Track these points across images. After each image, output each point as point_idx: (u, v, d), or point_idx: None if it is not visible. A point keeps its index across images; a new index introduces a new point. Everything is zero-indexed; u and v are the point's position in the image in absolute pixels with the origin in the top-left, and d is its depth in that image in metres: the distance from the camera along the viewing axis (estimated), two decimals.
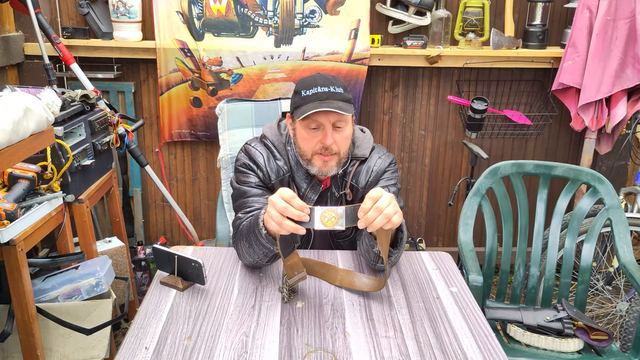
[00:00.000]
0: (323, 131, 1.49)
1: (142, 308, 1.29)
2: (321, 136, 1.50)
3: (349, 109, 1.47)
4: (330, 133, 1.48)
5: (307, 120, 1.48)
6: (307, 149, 1.53)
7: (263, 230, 1.32)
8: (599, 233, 1.92)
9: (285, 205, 1.21)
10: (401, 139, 2.99)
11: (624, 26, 2.52)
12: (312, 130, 1.50)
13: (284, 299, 1.33)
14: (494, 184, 1.98)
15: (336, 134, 1.50)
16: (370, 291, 1.38)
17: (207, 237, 3.08)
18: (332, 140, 1.49)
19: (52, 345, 1.76)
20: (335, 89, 1.48)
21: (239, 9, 2.63)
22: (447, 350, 1.16)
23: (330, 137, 1.48)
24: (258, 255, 1.40)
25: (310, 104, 1.46)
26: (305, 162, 1.56)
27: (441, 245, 3.20)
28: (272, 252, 1.37)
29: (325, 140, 1.49)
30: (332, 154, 1.52)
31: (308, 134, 1.51)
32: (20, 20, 2.61)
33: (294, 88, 1.55)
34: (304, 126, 1.51)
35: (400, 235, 1.39)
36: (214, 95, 2.70)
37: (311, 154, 1.53)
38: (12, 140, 1.42)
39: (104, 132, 2.23)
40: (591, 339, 1.72)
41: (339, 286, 1.41)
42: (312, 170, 1.56)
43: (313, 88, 1.48)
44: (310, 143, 1.52)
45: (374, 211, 1.21)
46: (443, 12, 2.66)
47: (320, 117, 1.47)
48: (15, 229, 1.60)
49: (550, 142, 3.03)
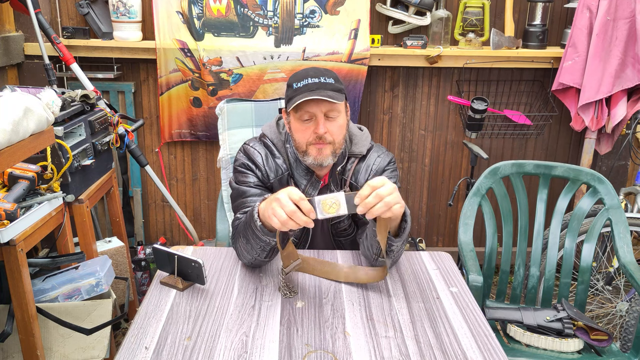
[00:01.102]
0: (315, 121, 1.51)
1: (142, 308, 1.29)
2: (314, 126, 1.51)
3: (340, 98, 1.49)
4: (322, 122, 1.50)
5: (300, 112, 1.51)
6: (301, 140, 1.55)
7: (258, 222, 1.34)
8: (599, 233, 1.92)
9: (293, 210, 1.22)
10: (401, 139, 2.99)
11: (624, 26, 2.52)
12: (305, 122, 1.52)
13: (285, 295, 1.34)
14: (494, 184, 1.98)
15: (329, 124, 1.52)
16: (375, 281, 1.41)
17: (207, 237, 3.08)
18: (325, 129, 1.51)
19: (52, 345, 1.76)
20: (325, 80, 1.50)
21: (239, 9, 2.63)
22: (447, 350, 1.16)
23: (322, 126, 1.50)
24: (255, 251, 1.41)
25: (301, 94, 1.48)
26: (302, 154, 1.57)
27: (441, 245, 3.20)
28: (269, 246, 1.38)
29: (317, 130, 1.50)
30: (326, 143, 1.53)
31: (301, 125, 1.53)
32: (20, 20, 2.61)
33: (287, 82, 1.57)
34: (297, 118, 1.53)
35: (404, 225, 1.40)
36: (214, 95, 2.70)
37: (306, 145, 1.54)
38: (12, 140, 1.42)
39: (104, 132, 2.23)
40: (591, 339, 1.72)
41: (345, 282, 1.42)
42: (308, 161, 1.56)
43: (304, 80, 1.50)
44: (304, 134, 1.53)
45: (373, 197, 1.22)
46: (443, 12, 2.66)
47: (312, 107, 1.49)
48: (15, 229, 1.60)
49: (550, 142, 3.03)
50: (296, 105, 1.49)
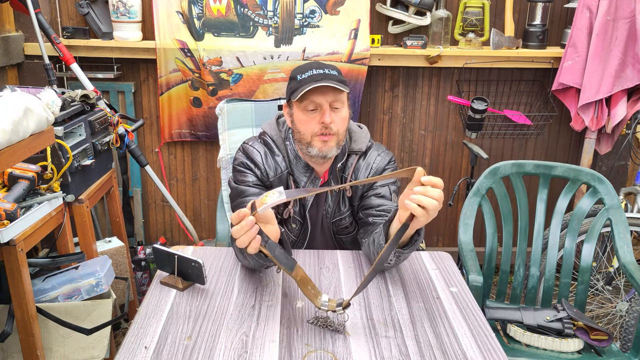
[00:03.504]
0: (321, 111, 1.51)
1: (142, 308, 1.29)
2: (319, 116, 1.51)
3: (345, 88, 1.51)
4: (328, 111, 1.51)
5: (305, 102, 1.51)
6: (306, 132, 1.54)
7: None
8: (599, 233, 1.92)
9: (236, 229, 1.15)
10: (401, 139, 2.99)
11: (624, 26, 2.52)
12: (311, 112, 1.52)
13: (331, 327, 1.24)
14: (494, 184, 1.98)
15: (334, 114, 1.52)
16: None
17: (207, 237, 3.08)
18: (331, 119, 1.51)
19: (52, 345, 1.76)
20: (329, 71, 1.51)
21: (239, 9, 2.63)
22: (447, 350, 1.16)
23: (328, 115, 1.51)
24: (253, 265, 1.39)
25: (307, 84, 1.48)
26: (305, 146, 1.57)
27: (441, 245, 3.20)
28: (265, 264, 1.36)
29: (324, 119, 1.51)
30: (331, 134, 1.53)
31: (306, 116, 1.53)
32: (20, 20, 2.61)
33: (289, 75, 1.57)
34: (302, 109, 1.53)
35: (416, 238, 1.36)
36: (214, 95, 2.70)
37: (311, 136, 1.54)
38: (12, 140, 1.42)
39: (104, 132, 2.23)
40: (591, 339, 1.72)
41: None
42: (312, 152, 1.56)
43: (308, 71, 1.51)
44: (310, 125, 1.53)
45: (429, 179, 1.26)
46: (443, 12, 2.66)
47: (318, 97, 1.49)
48: (15, 229, 1.60)
49: (550, 142, 3.03)
50: (301, 96, 1.49)
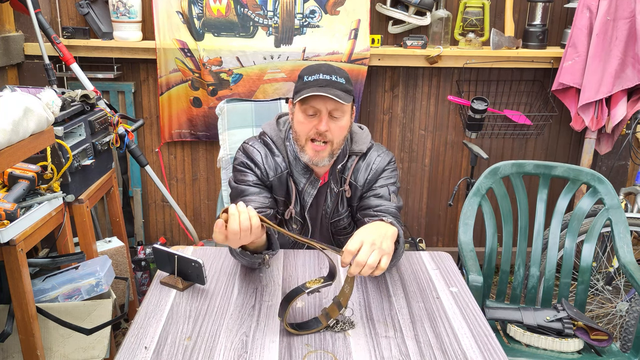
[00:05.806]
0: (319, 117, 1.51)
1: (142, 308, 1.29)
2: (316, 122, 1.51)
3: (347, 99, 1.48)
4: (325, 120, 1.50)
5: (305, 105, 1.50)
6: (302, 133, 1.54)
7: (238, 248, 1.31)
8: (599, 233, 1.92)
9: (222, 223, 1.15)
10: (401, 139, 2.99)
11: (624, 26, 2.52)
12: (309, 116, 1.52)
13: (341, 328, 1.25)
14: (494, 184, 1.98)
15: (332, 123, 1.51)
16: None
17: (207, 237, 3.07)
18: (327, 128, 1.50)
19: (52, 345, 1.76)
20: (337, 79, 1.49)
21: (239, 9, 2.63)
22: (447, 350, 1.16)
23: (325, 124, 1.50)
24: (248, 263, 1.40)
25: (310, 88, 1.47)
26: (299, 148, 1.57)
27: (441, 245, 3.20)
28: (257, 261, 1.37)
29: (319, 126, 1.50)
30: (325, 143, 1.52)
31: (305, 119, 1.53)
32: (20, 20, 2.61)
33: (299, 73, 1.56)
34: (301, 110, 1.53)
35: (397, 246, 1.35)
36: (214, 95, 2.70)
37: (305, 139, 1.54)
38: (12, 140, 1.42)
39: (104, 132, 2.23)
40: (591, 339, 1.72)
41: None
42: (304, 159, 1.57)
43: (316, 74, 1.49)
44: (306, 127, 1.53)
45: (355, 266, 1.17)
46: (443, 12, 2.66)
47: (318, 103, 1.49)
48: (15, 229, 1.60)
49: (550, 142, 3.03)
50: (303, 99, 1.49)
